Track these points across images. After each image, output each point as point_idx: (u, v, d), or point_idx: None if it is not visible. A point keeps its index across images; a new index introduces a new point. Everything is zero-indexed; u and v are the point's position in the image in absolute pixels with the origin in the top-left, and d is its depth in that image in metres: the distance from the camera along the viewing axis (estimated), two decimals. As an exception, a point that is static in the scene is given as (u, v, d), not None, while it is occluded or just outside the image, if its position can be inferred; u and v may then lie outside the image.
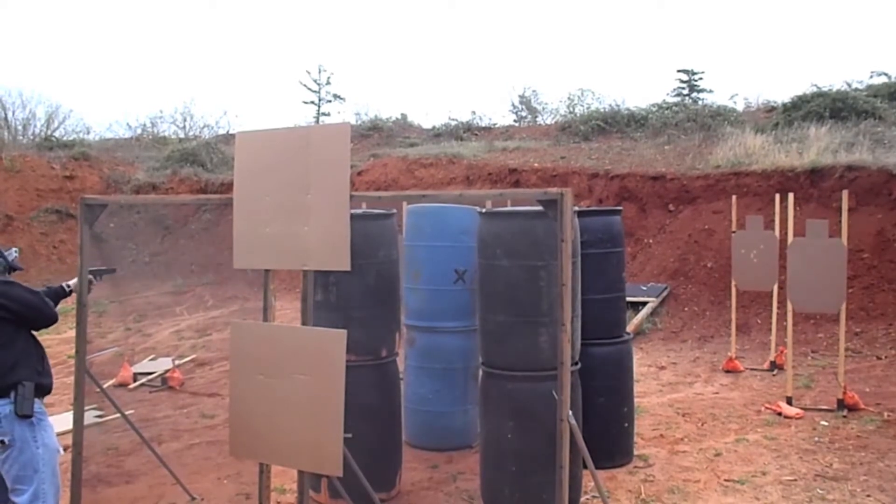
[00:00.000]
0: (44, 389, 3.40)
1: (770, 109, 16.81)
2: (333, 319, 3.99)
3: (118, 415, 4.76)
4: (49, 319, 3.46)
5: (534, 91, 24.94)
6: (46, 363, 3.49)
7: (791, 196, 6.98)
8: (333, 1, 49.09)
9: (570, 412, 3.46)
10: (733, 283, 8.32)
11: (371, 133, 20.85)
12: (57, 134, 23.91)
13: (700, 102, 18.14)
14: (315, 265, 3.60)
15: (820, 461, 5.22)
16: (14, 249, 3.80)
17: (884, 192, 9.95)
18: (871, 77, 16.09)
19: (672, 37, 41.36)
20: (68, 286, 3.85)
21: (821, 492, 4.67)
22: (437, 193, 7.60)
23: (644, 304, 10.22)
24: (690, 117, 15.71)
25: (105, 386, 5.30)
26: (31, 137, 23.38)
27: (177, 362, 8.42)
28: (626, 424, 5.25)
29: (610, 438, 5.05)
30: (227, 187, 14.89)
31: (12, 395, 3.16)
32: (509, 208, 4.57)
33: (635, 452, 5.33)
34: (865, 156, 10.69)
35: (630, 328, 8.82)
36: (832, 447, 5.52)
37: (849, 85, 15.46)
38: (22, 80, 54.26)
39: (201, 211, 16.27)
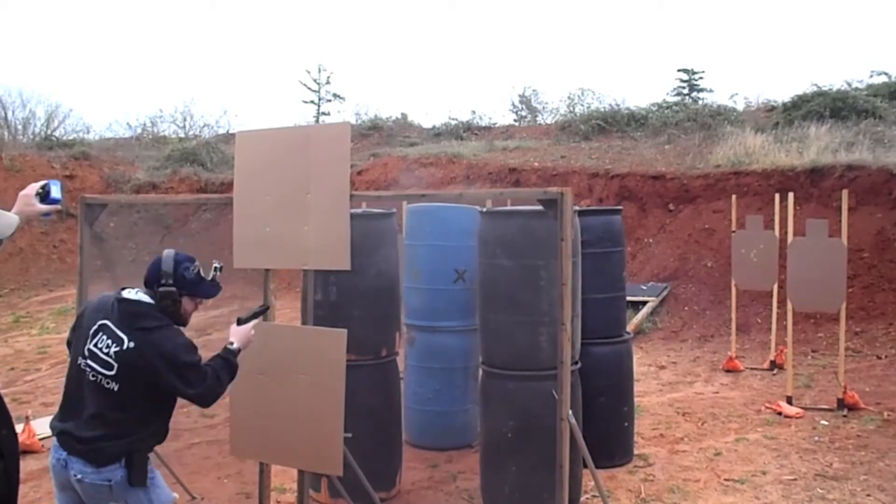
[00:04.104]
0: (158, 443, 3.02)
1: (770, 109, 16.77)
2: (333, 319, 3.99)
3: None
4: (202, 397, 2.87)
5: (534, 90, 24.83)
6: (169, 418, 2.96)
7: (791, 195, 6.97)
8: (333, 1, 49.10)
9: (570, 412, 3.47)
10: (733, 282, 8.32)
11: (371, 133, 20.82)
12: (57, 133, 23.82)
13: (700, 102, 18.08)
14: (315, 265, 3.61)
15: (820, 461, 5.22)
16: (216, 265, 3.09)
17: (884, 191, 9.94)
18: (871, 76, 16.03)
19: (672, 37, 41.30)
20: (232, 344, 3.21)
21: (821, 491, 4.67)
22: (437, 193, 7.60)
23: (644, 303, 10.21)
24: (690, 117, 15.67)
25: (105, 385, 5.29)
26: (31, 137, 23.29)
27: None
28: (626, 424, 5.25)
29: (610, 438, 5.05)
30: (227, 187, 14.86)
31: (124, 460, 2.77)
32: (509, 208, 4.57)
33: (635, 452, 5.33)
34: (865, 155, 10.68)
35: (630, 328, 8.81)
36: (832, 447, 5.52)
37: (849, 84, 15.42)
38: (22, 79, 54.21)
39: (201, 210, 16.23)
